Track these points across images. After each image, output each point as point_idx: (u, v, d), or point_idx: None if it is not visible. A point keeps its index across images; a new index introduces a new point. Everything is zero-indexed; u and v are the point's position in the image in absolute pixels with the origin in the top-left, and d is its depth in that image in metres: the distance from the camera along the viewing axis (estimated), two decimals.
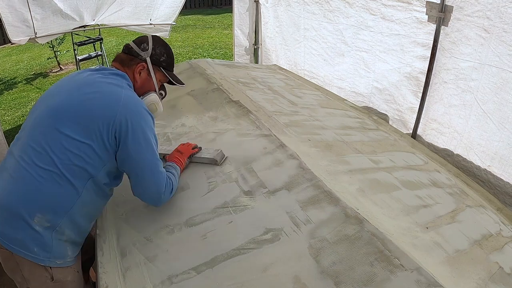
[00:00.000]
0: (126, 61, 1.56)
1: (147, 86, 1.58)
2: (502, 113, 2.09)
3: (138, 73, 1.55)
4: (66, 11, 3.97)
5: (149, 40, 1.60)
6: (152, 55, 1.58)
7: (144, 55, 1.56)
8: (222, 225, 1.44)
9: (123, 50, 1.61)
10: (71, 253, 1.41)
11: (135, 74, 1.54)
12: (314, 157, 1.76)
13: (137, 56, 1.56)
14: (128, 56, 1.57)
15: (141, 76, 1.56)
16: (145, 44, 1.58)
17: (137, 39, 1.62)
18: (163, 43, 1.64)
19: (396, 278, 1.15)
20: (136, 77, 1.55)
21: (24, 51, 8.86)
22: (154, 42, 1.60)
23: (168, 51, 1.64)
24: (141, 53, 1.56)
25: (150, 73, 1.57)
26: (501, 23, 1.99)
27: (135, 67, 1.54)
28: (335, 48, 3.26)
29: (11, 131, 5.01)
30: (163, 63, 1.61)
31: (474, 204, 1.75)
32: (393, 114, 2.95)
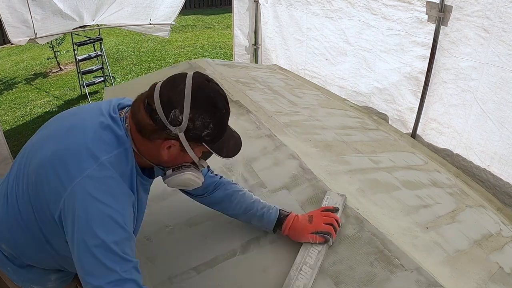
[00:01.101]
0: (146, 129, 1.02)
1: (180, 159, 1.09)
2: (502, 113, 2.09)
3: (164, 149, 1.04)
4: (66, 12, 3.97)
5: (186, 101, 0.98)
6: (189, 129, 1.00)
7: (174, 130, 1.00)
8: (222, 225, 1.44)
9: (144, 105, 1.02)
10: (55, 278, 1.27)
11: (161, 151, 1.04)
12: (314, 157, 1.76)
13: (163, 129, 1.00)
14: (151, 123, 1.01)
15: (170, 152, 1.05)
16: (177, 112, 0.98)
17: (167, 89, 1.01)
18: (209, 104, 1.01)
19: (396, 278, 1.15)
20: (162, 153, 1.04)
21: (24, 51, 8.86)
22: (194, 106, 0.98)
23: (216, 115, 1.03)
24: (169, 127, 0.99)
25: (184, 149, 1.05)
26: (500, 23, 2.00)
27: (160, 144, 1.03)
28: (337, 47, 3.27)
29: (11, 131, 5.02)
30: (206, 138, 1.03)
31: (474, 204, 1.75)
32: (392, 114, 2.95)
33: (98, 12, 4.41)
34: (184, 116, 0.98)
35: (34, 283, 1.25)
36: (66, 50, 7.73)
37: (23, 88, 6.73)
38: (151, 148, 1.05)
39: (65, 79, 6.91)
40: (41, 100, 6.09)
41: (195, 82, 1.01)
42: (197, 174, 1.12)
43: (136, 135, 1.05)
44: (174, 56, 7.85)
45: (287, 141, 1.83)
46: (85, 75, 6.09)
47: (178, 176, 1.09)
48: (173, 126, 0.99)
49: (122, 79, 6.69)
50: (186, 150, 1.04)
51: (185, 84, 1.00)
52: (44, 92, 6.42)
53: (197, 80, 1.02)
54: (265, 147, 1.82)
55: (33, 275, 1.22)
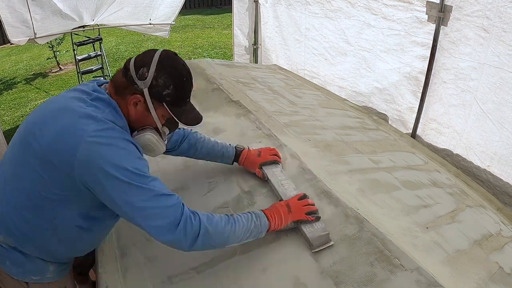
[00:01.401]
0: (120, 87, 1.20)
1: (145, 121, 1.24)
2: (502, 113, 2.09)
3: (132, 105, 1.20)
4: (65, 11, 3.97)
5: (153, 63, 1.17)
6: (152, 86, 1.17)
7: (140, 85, 1.17)
8: None
9: (122, 68, 1.23)
10: (53, 269, 1.31)
11: (129, 106, 1.20)
12: (314, 157, 1.76)
13: (132, 84, 1.18)
14: (124, 80, 1.20)
15: (136, 109, 1.21)
16: (145, 69, 1.17)
17: (140, 56, 1.22)
18: (173, 68, 1.20)
19: (396, 278, 1.15)
20: (130, 110, 1.21)
21: (23, 51, 8.85)
22: (159, 68, 1.17)
23: (177, 81, 1.20)
24: (137, 81, 1.17)
25: (148, 107, 1.20)
26: (500, 23, 2.00)
27: (129, 98, 1.19)
28: (337, 47, 3.27)
29: (11, 131, 5.01)
30: (166, 98, 1.19)
31: (474, 204, 1.75)
32: (392, 114, 2.95)
33: (97, 12, 4.41)
34: (149, 73, 1.17)
35: (33, 274, 1.28)
36: (65, 50, 7.73)
37: (23, 88, 6.72)
38: (124, 107, 1.21)
39: (65, 79, 6.91)
40: (40, 100, 6.08)
41: (164, 52, 1.22)
42: (158, 138, 1.26)
43: (114, 97, 1.22)
44: None
45: (287, 141, 1.83)
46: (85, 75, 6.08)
47: (140, 136, 1.23)
48: (139, 81, 1.17)
49: None
50: (150, 109, 1.20)
51: (156, 52, 1.21)
52: (44, 92, 6.42)
53: (167, 51, 1.23)
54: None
55: (32, 266, 1.26)
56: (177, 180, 1.74)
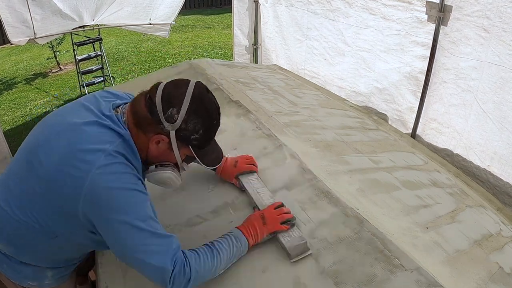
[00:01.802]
0: (143, 121, 1.11)
1: (165, 157, 1.18)
2: (502, 113, 2.09)
3: (154, 144, 1.14)
4: (65, 11, 3.97)
5: (184, 103, 1.08)
6: (181, 129, 1.10)
7: (167, 127, 1.10)
8: (222, 225, 1.44)
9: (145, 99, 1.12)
10: (51, 275, 1.30)
11: (150, 143, 1.14)
12: (314, 157, 1.76)
13: (158, 124, 1.10)
14: (148, 116, 1.10)
15: (158, 147, 1.15)
16: (174, 110, 1.08)
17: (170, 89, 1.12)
18: (205, 111, 1.12)
19: (396, 278, 1.15)
20: (151, 146, 1.15)
21: (23, 51, 8.86)
22: (190, 110, 1.09)
23: (207, 125, 1.14)
24: (164, 123, 1.09)
25: (171, 147, 1.14)
26: (500, 22, 1.99)
27: (152, 137, 1.12)
28: (335, 47, 3.27)
29: (11, 131, 5.01)
30: (193, 142, 1.14)
31: (474, 204, 1.76)
32: (392, 114, 2.95)
33: (97, 12, 4.41)
34: (179, 116, 1.08)
35: (31, 279, 1.28)
36: (65, 50, 7.74)
37: (23, 88, 6.73)
38: (143, 141, 1.14)
39: (65, 79, 6.91)
40: (40, 100, 6.09)
41: (196, 88, 1.12)
42: (177, 175, 1.22)
43: (133, 128, 1.14)
44: (173, 56, 7.85)
45: (287, 141, 1.83)
46: (85, 75, 6.09)
47: (160, 173, 1.19)
48: (167, 123, 1.09)
49: (121, 79, 6.68)
50: (173, 149, 1.14)
51: (187, 88, 1.11)
52: (44, 92, 6.42)
53: (199, 87, 1.14)
54: (265, 147, 1.82)
55: (30, 272, 1.25)
56: None
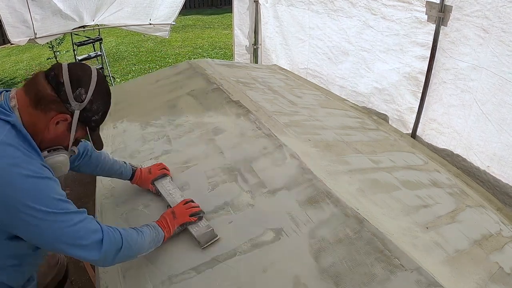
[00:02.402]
0: (45, 100, 1.09)
1: (60, 140, 1.17)
2: (501, 115, 2.09)
3: (54, 124, 1.11)
4: (65, 12, 3.97)
5: (91, 84, 1.14)
6: (85, 109, 1.14)
7: (74, 106, 1.12)
8: (222, 225, 1.44)
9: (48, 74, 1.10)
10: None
11: (50, 124, 1.11)
12: (314, 157, 1.76)
13: (64, 102, 1.10)
14: (53, 94, 1.09)
15: (56, 128, 1.13)
16: (83, 90, 1.12)
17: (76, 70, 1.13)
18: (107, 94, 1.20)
19: (396, 278, 1.15)
20: (49, 127, 1.11)
21: (23, 51, 8.85)
22: (97, 92, 1.15)
23: (106, 108, 1.22)
24: (71, 102, 1.11)
25: (70, 128, 1.15)
26: (500, 23, 1.99)
27: (53, 116, 1.10)
28: (339, 47, 3.27)
29: None
30: (92, 123, 1.19)
31: (474, 204, 1.75)
32: (392, 114, 2.95)
33: (98, 12, 4.41)
34: (87, 96, 1.13)
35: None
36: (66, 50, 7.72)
37: None
38: (41, 122, 1.10)
39: None
40: None
41: (99, 74, 1.18)
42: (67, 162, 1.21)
43: (28, 109, 1.09)
44: (174, 56, 7.84)
45: (287, 141, 1.83)
46: None
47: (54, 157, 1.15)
48: (75, 102, 1.11)
49: (122, 79, 6.68)
50: (71, 130, 1.15)
51: (92, 71, 1.16)
52: None
53: (99, 73, 1.19)
54: (265, 147, 1.82)
55: None
56: (177, 180, 1.74)
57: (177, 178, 1.75)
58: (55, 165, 1.16)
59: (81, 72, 1.14)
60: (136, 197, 1.71)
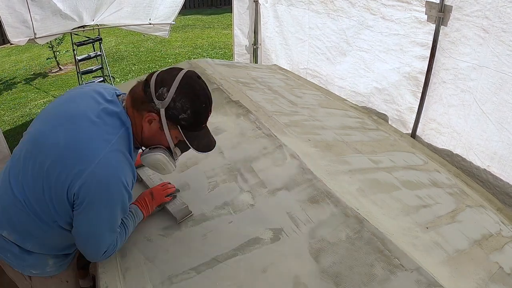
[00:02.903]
0: (138, 100, 1.20)
1: (158, 139, 1.24)
2: (501, 113, 2.09)
3: (147, 122, 1.20)
4: (65, 12, 3.96)
5: (174, 83, 1.16)
6: (170, 107, 1.17)
7: (157, 104, 1.17)
8: (222, 225, 1.44)
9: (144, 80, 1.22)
10: (53, 264, 1.36)
11: (144, 122, 1.21)
12: (314, 157, 1.76)
13: (150, 102, 1.17)
14: (142, 95, 1.19)
15: (151, 127, 1.21)
16: (165, 89, 1.16)
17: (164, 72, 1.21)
18: (193, 93, 1.19)
19: (396, 278, 1.15)
20: (144, 126, 1.21)
21: (23, 51, 8.85)
22: (179, 90, 1.16)
23: (196, 107, 1.19)
24: (155, 100, 1.17)
25: (162, 126, 1.20)
26: (500, 23, 1.99)
27: (145, 114, 1.19)
28: (338, 47, 3.27)
29: (11, 131, 5.01)
30: (182, 122, 1.19)
31: (474, 204, 1.75)
32: (392, 114, 2.95)
33: (97, 12, 4.40)
34: (169, 94, 1.16)
35: (33, 268, 1.33)
36: (65, 50, 7.73)
37: (23, 88, 6.72)
38: (138, 121, 1.22)
39: (65, 79, 6.91)
40: (40, 100, 6.08)
41: (187, 73, 1.21)
42: (169, 158, 1.27)
43: (130, 109, 1.22)
44: (173, 56, 7.84)
45: (287, 141, 1.83)
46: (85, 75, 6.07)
47: (151, 155, 1.26)
48: (158, 100, 1.17)
49: (121, 79, 6.68)
50: (164, 129, 1.20)
51: (179, 72, 1.20)
52: (44, 92, 6.42)
53: (189, 72, 1.22)
54: (265, 147, 1.82)
55: (33, 260, 1.30)
56: (177, 180, 1.74)
57: (177, 178, 1.75)
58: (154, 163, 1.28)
59: (166, 74, 1.20)
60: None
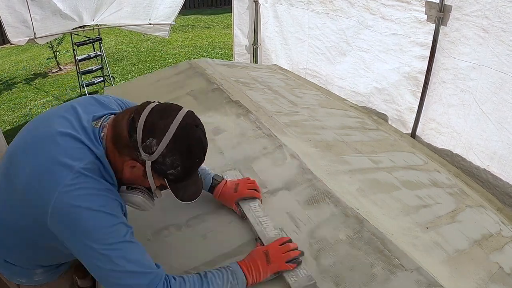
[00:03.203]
0: (120, 142, 1.03)
1: (139, 182, 1.10)
2: (501, 113, 2.09)
3: (128, 167, 1.05)
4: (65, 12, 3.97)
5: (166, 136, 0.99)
6: (157, 162, 1.01)
7: (143, 156, 1.01)
8: (222, 225, 1.44)
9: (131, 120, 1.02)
10: (40, 273, 1.28)
11: (125, 166, 1.05)
12: (314, 157, 1.76)
13: (135, 149, 1.01)
14: (126, 137, 1.01)
15: (133, 171, 1.06)
16: (154, 142, 0.99)
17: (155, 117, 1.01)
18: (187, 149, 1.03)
19: (396, 278, 1.15)
20: (125, 169, 1.06)
21: (23, 51, 8.85)
22: (171, 145, 0.99)
23: (187, 163, 1.05)
24: (140, 151, 1.00)
25: (146, 174, 1.04)
26: (499, 22, 1.99)
27: (127, 161, 1.04)
28: (337, 47, 3.27)
29: (11, 131, 5.01)
30: (170, 176, 1.04)
31: (474, 204, 1.76)
32: (392, 114, 2.95)
33: (97, 12, 4.41)
34: (158, 149, 0.99)
35: (20, 277, 1.28)
36: (65, 50, 7.73)
37: (23, 88, 6.72)
38: (118, 161, 1.06)
39: (65, 79, 6.91)
40: (40, 100, 6.08)
41: (184, 121, 1.03)
42: (148, 201, 1.14)
43: (110, 144, 1.06)
44: (173, 56, 7.85)
45: (287, 141, 1.83)
46: (85, 75, 6.09)
47: (129, 196, 1.11)
48: (144, 152, 1.00)
49: (121, 79, 6.68)
50: (147, 177, 1.05)
51: (174, 119, 1.01)
52: (44, 92, 6.42)
53: (187, 120, 1.04)
54: (265, 147, 1.82)
55: (17, 270, 1.25)
56: None
57: None
58: (131, 203, 1.13)
59: (159, 119, 1.00)
60: None
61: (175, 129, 1.00)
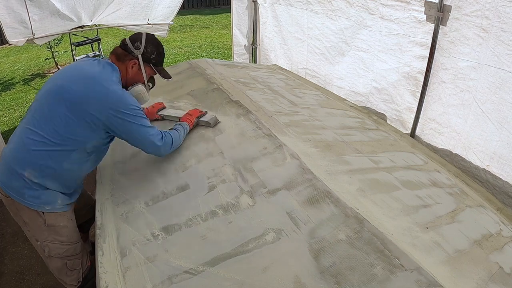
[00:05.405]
0: (121, 56, 1.81)
1: (137, 78, 1.83)
2: (501, 113, 2.09)
3: (130, 67, 1.81)
4: (63, 12, 3.95)
5: (143, 39, 1.83)
6: (144, 53, 1.82)
7: (136, 53, 1.81)
8: (222, 225, 1.44)
9: (120, 44, 1.85)
10: (61, 201, 1.68)
11: (128, 68, 1.81)
12: (314, 157, 1.76)
13: (130, 53, 1.81)
14: (123, 51, 1.82)
15: (132, 70, 1.82)
16: (138, 43, 1.82)
17: (132, 36, 1.85)
18: (155, 42, 1.88)
19: (396, 278, 1.15)
20: (128, 71, 1.81)
21: (22, 51, 8.83)
22: (147, 41, 1.83)
23: (159, 49, 1.88)
24: (134, 51, 1.81)
25: (140, 68, 1.82)
26: (499, 22, 2.00)
27: (128, 62, 1.81)
28: (336, 47, 3.27)
29: (9, 132, 4.99)
30: (152, 60, 1.85)
31: (474, 204, 1.76)
32: (391, 114, 2.95)
33: (96, 12, 4.39)
34: (142, 44, 1.81)
35: (46, 204, 1.63)
36: (64, 51, 7.72)
37: (21, 88, 6.70)
38: (123, 69, 1.79)
39: None
40: None
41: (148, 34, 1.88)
42: (146, 90, 1.87)
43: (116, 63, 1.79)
44: (172, 56, 7.84)
45: (287, 141, 1.83)
46: None
47: (135, 87, 1.81)
48: (136, 50, 1.81)
49: None
50: (141, 69, 1.82)
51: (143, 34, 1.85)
52: None
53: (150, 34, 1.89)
54: (265, 147, 1.82)
55: (46, 197, 1.63)
56: (177, 180, 1.74)
57: (177, 179, 1.75)
58: (137, 93, 1.80)
59: (135, 35, 1.84)
60: (136, 197, 1.71)
61: (145, 35, 1.84)
